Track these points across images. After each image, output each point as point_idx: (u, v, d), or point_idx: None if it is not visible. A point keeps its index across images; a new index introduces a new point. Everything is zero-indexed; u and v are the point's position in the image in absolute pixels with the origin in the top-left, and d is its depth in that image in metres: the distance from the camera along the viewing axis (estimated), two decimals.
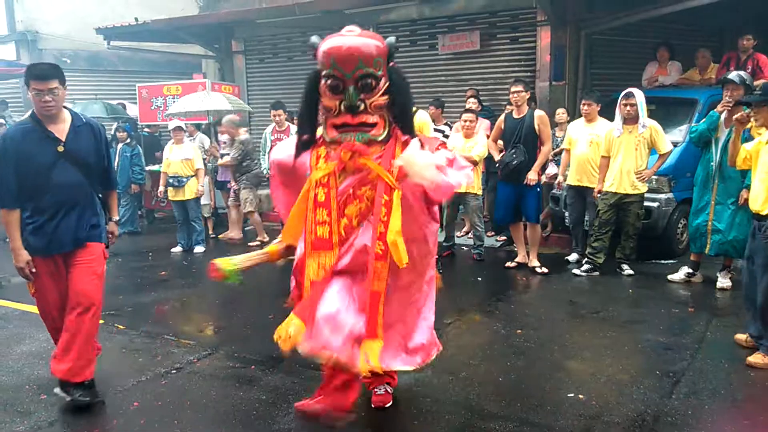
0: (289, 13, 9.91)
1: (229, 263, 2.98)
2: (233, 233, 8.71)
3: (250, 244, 8.02)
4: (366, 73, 2.36)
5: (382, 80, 2.46)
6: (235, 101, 9.68)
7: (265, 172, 7.86)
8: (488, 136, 6.86)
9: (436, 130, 7.16)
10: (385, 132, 2.54)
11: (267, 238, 8.21)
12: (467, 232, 7.85)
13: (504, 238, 7.60)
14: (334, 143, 2.58)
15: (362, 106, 2.39)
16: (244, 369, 4.17)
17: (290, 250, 3.13)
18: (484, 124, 7.37)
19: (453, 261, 7.02)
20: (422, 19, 9.54)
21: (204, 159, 8.42)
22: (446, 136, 7.52)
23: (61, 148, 3.47)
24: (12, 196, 3.47)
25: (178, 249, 7.93)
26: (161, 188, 7.95)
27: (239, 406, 3.59)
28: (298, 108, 2.74)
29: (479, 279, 6.36)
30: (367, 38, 2.41)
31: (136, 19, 10.96)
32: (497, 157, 6.55)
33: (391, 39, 2.46)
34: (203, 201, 8.32)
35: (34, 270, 3.53)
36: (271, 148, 7.60)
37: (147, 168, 9.74)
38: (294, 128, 7.42)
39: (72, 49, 13.56)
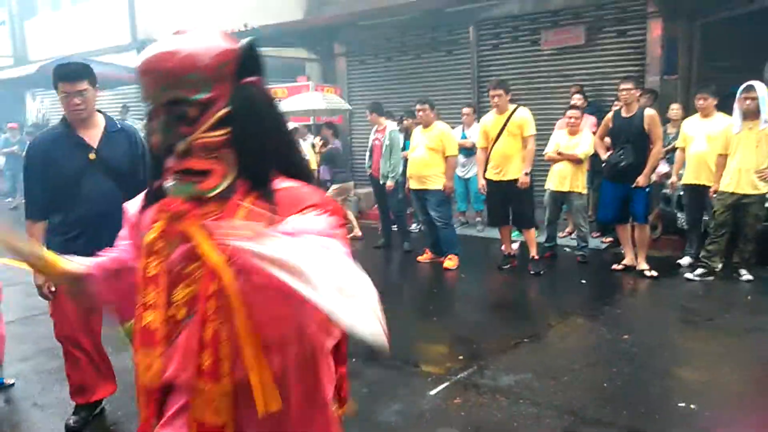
0: (390, 14, 10.03)
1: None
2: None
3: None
4: (174, 97, 1.40)
5: (214, 107, 1.42)
6: (332, 100, 9.88)
7: (367, 168, 7.99)
8: (594, 133, 6.64)
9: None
10: (223, 184, 1.46)
11: (360, 233, 8.51)
12: (570, 233, 7.64)
13: (610, 239, 7.32)
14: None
15: (182, 145, 1.42)
16: None
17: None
18: (589, 120, 7.14)
19: (555, 262, 6.84)
20: (524, 14, 9.36)
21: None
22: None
23: (92, 156, 3.15)
24: (38, 206, 3.20)
25: None
26: None
27: None
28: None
29: (583, 281, 6.17)
30: (183, 45, 1.43)
31: (246, 25, 11.49)
32: (604, 155, 6.32)
33: (246, 41, 1.49)
34: None
35: (53, 289, 3.16)
36: (371, 149, 7.72)
37: None
38: (391, 125, 7.53)
39: None
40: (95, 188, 3.13)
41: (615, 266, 6.36)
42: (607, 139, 6.41)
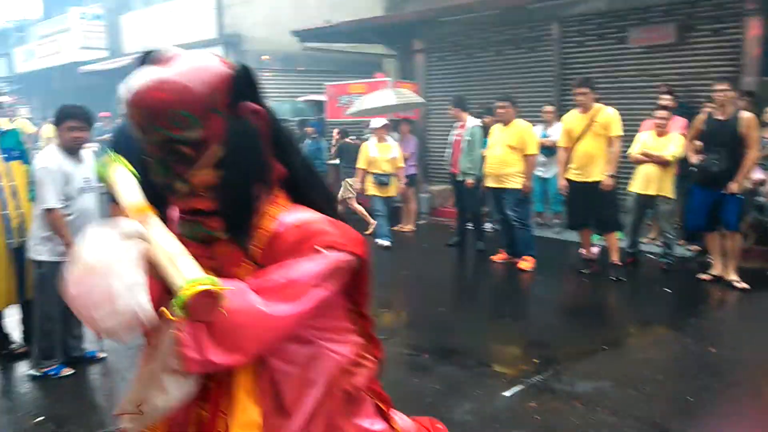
0: (471, 11, 9.92)
1: None
2: (408, 226, 8.95)
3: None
4: (165, 137, 1.24)
5: (209, 143, 1.26)
6: (405, 95, 9.81)
7: (447, 165, 7.93)
8: (684, 136, 6.34)
9: None
10: None
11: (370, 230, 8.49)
12: (654, 239, 7.33)
13: (697, 247, 6.97)
14: None
15: (182, 186, 1.28)
16: (418, 357, 4.28)
17: None
18: (679, 122, 6.81)
19: (637, 269, 6.56)
20: (611, 11, 9.03)
21: None
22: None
23: None
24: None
25: (386, 242, 7.82)
26: (359, 185, 8.02)
27: (415, 394, 3.68)
28: None
29: (667, 290, 5.89)
30: (171, 77, 1.22)
31: (328, 21, 11.66)
32: (694, 159, 6.03)
33: (239, 66, 1.30)
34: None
35: None
36: (453, 144, 7.63)
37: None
38: (472, 121, 7.43)
39: (270, 50, 14.77)
40: None
41: (702, 276, 6.05)
42: (698, 143, 6.12)
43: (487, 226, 8.14)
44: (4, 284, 4.08)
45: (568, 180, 6.25)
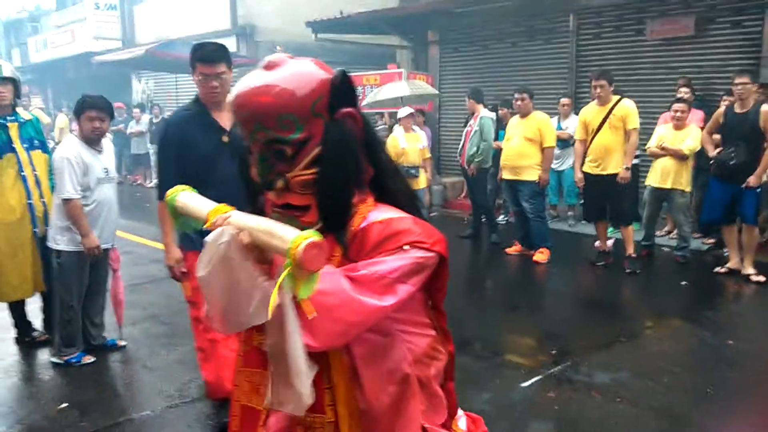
0: (486, 1, 9.87)
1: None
2: None
3: None
4: (270, 137, 1.36)
5: (309, 144, 1.37)
6: (419, 86, 9.77)
7: (457, 156, 7.92)
8: (702, 129, 6.30)
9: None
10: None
11: None
12: (669, 232, 7.31)
13: (712, 241, 6.94)
14: None
15: (281, 183, 1.39)
16: None
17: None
18: (697, 115, 6.78)
19: (652, 262, 6.56)
20: (629, 3, 8.96)
21: None
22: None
23: (225, 139, 3.02)
24: (170, 187, 3.23)
25: None
26: None
27: None
28: None
29: (683, 283, 5.88)
30: (276, 82, 1.34)
31: (341, 12, 11.64)
32: (712, 152, 6.00)
33: (338, 72, 1.40)
34: None
35: (184, 270, 3.15)
36: (465, 135, 7.62)
37: None
38: (484, 111, 7.39)
39: (283, 42, 14.76)
40: (228, 171, 2.80)
41: (718, 269, 6.03)
42: (716, 136, 6.08)
43: (500, 218, 8.12)
44: (31, 272, 4.14)
45: (585, 173, 6.22)
